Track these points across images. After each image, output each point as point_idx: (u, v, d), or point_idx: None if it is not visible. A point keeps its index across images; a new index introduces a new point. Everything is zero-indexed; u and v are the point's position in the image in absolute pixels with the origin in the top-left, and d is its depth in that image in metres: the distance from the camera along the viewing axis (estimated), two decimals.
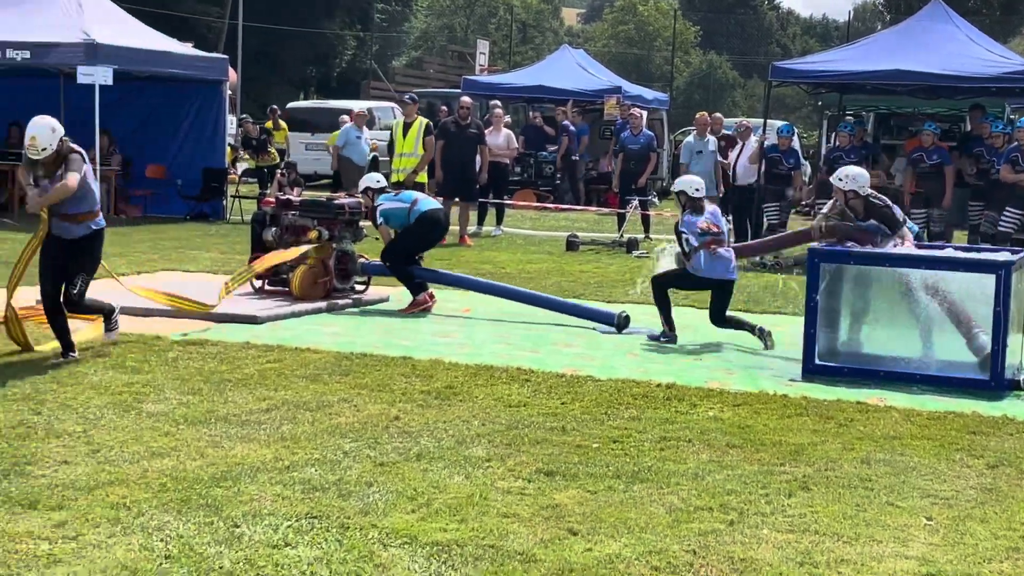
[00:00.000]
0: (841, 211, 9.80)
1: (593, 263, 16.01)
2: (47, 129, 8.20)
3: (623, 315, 10.68)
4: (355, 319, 10.94)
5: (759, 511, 5.65)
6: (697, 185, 10.37)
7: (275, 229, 11.66)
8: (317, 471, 6.03)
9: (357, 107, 24.62)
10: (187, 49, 22.06)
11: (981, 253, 9.82)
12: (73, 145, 8.33)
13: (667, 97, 36.18)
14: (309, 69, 62.06)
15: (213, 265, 14.26)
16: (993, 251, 10.02)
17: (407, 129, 17.26)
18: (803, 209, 22.68)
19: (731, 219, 18.41)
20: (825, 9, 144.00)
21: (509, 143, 21.18)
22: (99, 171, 19.05)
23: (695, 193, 10.22)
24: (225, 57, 23.21)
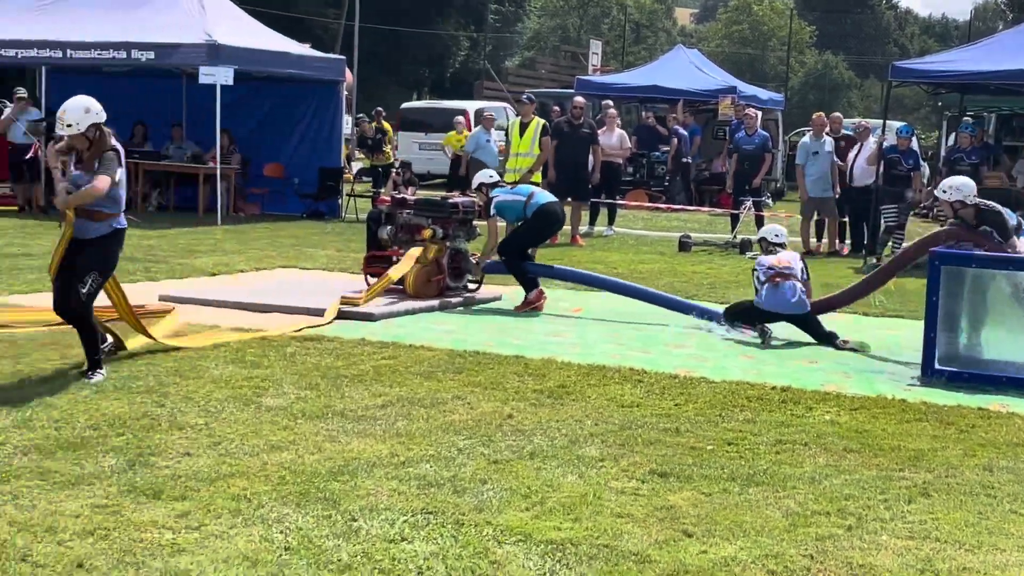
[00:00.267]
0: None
1: (706, 264, 15.90)
2: (79, 108, 7.72)
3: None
4: (467, 317, 11.00)
5: (878, 517, 5.55)
6: (777, 231, 10.88)
7: (390, 228, 11.77)
8: (432, 467, 6.08)
9: (474, 108, 24.79)
10: (305, 50, 22.38)
11: None
12: (114, 141, 7.86)
13: (782, 97, 35.78)
14: (423, 70, 62.58)
15: (329, 263, 14.45)
16: None
17: (524, 129, 17.30)
18: (921, 211, 22.27)
19: (848, 221, 18.19)
20: (944, 8, 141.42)
21: (622, 143, 21.13)
22: (219, 170, 19.49)
23: (774, 239, 10.70)
24: (342, 58, 23.52)
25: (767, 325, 10.10)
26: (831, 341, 10.02)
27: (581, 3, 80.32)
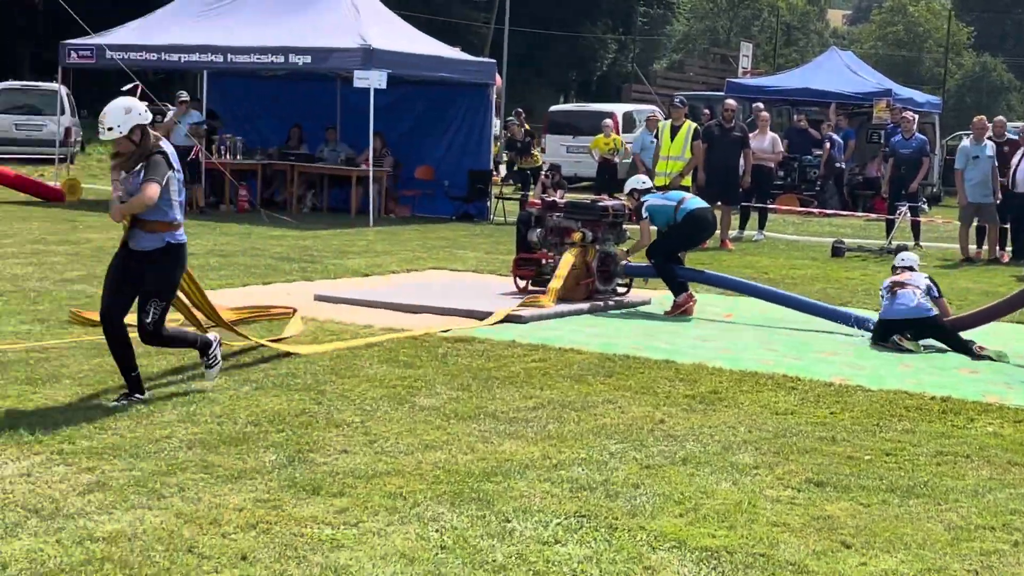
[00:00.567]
0: None
1: (860, 270, 15.58)
2: (120, 109, 7.03)
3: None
4: (617, 321, 10.97)
5: None
6: (904, 257, 11.00)
7: (540, 230, 11.82)
8: (584, 471, 6.08)
9: (622, 111, 24.70)
10: (456, 53, 22.59)
11: None
12: (163, 145, 7.11)
13: (939, 100, 34.91)
14: (570, 72, 62.72)
15: (479, 264, 14.57)
16: None
17: (674, 132, 17.20)
18: None
19: (1009, 227, 17.65)
20: None
21: (774, 147, 20.86)
22: (371, 172, 19.80)
23: (900, 263, 10.78)
24: (493, 61, 23.71)
25: (906, 338, 9.85)
26: (968, 349, 9.75)
27: (731, 5, 79.55)
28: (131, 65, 20.35)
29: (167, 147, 7.10)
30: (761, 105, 23.02)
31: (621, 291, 11.88)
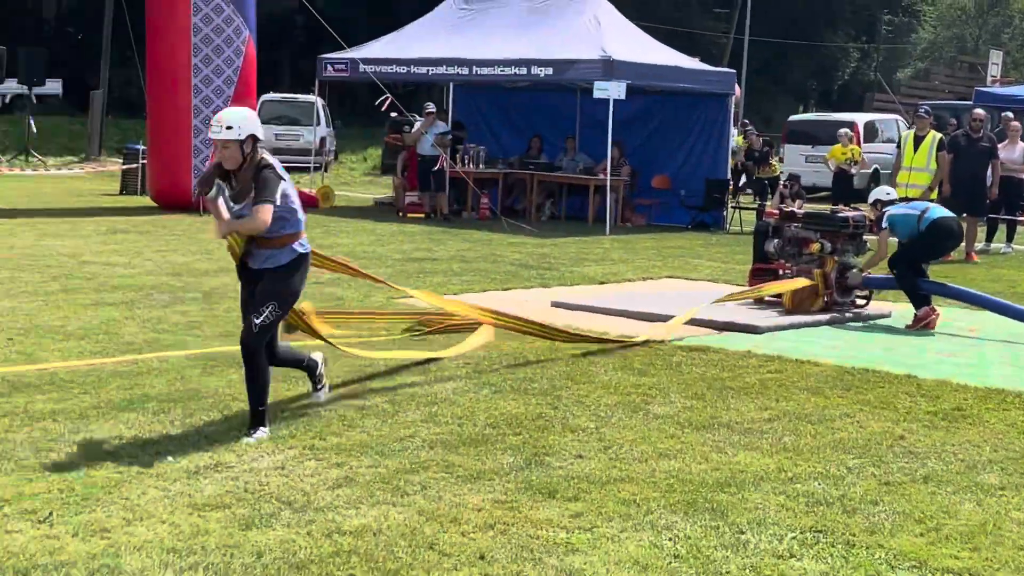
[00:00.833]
0: None
1: None
2: (243, 111, 6.63)
3: None
4: (855, 333, 10.66)
5: None
6: None
7: (777, 241, 11.60)
8: (820, 485, 5.92)
9: (863, 120, 24.05)
10: (696, 64, 22.42)
11: None
12: (268, 157, 6.55)
13: None
14: (810, 82, 61.48)
15: (714, 274, 14.40)
16: None
17: (918, 143, 16.63)
18: None
19: None
20: None
21: None
22: (608, 181, 19.84)
23: None
24: (732, 71, 23.44)
25: None
26: None
27: (980, 12, 76.37)
28: (382, 78, 21.01)
29: (273, 160, 6.57)
30: (1011, 115, 21.97)
31: (860, 303, 11.54)
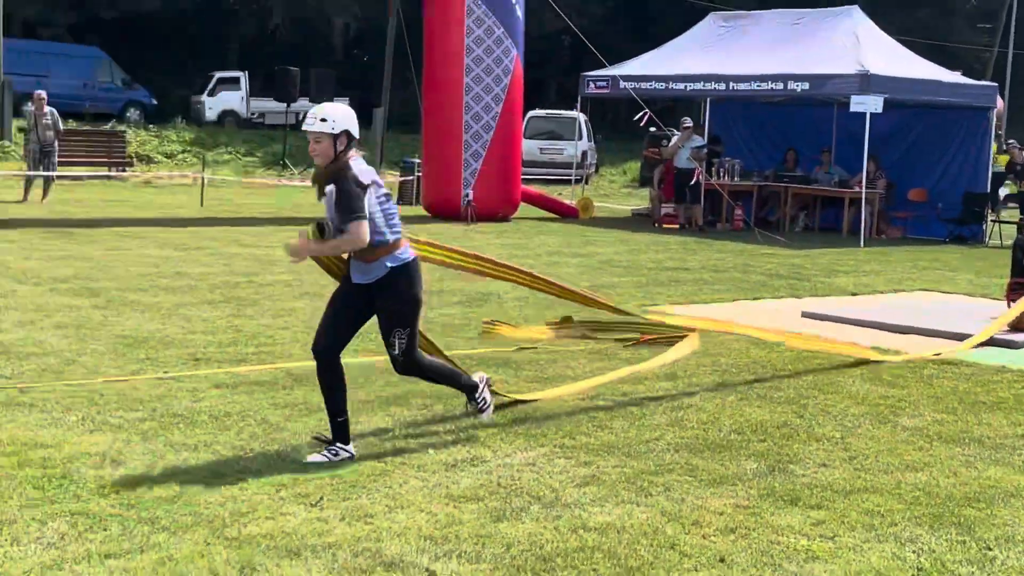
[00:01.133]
0: None
1: None
2: (341, 107, 5.97)
3: None
4: None
5: None
6: None
7: None
8: None
9: None
10: (956, 77, 21.48)
11: None
12: (356, 163, 5.85)
13: None
14: None
15: (970, 288, 13.74)
16: None
17: None
18: None
19: None
20: None
21: None
22: (864, 194, 19.22)
23: None
24: (994, 85, 22.37)
25: None
26: None
27: None
28: (641, 94, 21.05)
29: (361, 165, 5.87)
30: None
31: None
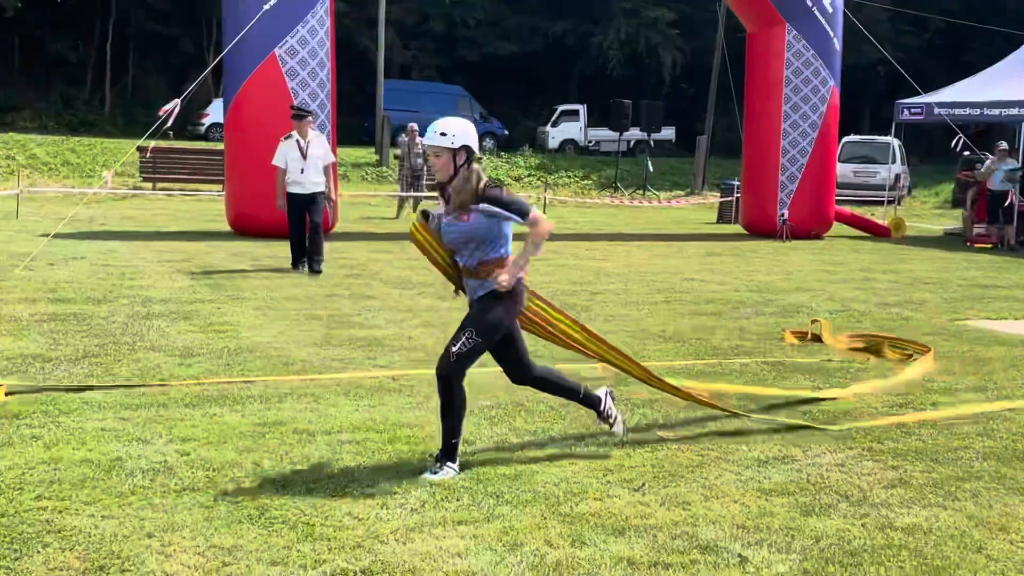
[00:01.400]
0: None
1: None
2: (466, 124, 5.60)
3: None
4: None
5: None
6: None
7: None
8: None
9: None
10: None
11: None
12: (485, 176, 5.57)
13: None
14: None
15: None
16: None
17: None
18: None
19: None
20: None
21: None
22: None
23: None
24: None
25: None
26: None
27: None
28: (954, 119, 20.45)
29: (486, 178, 5.60)
30: None
31: None
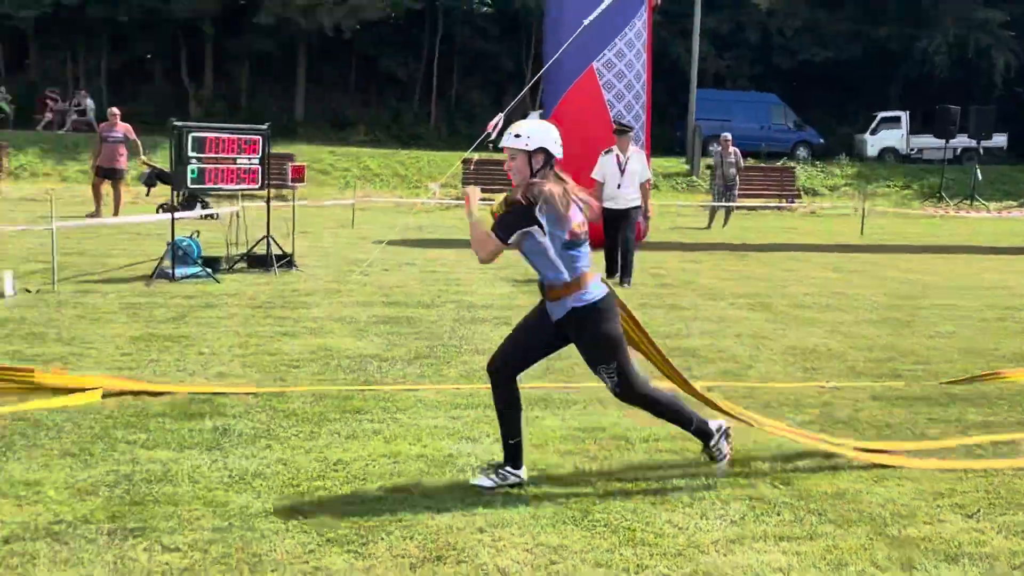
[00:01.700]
0: None
1: None
2: (535, 124, 5.22)
3: None
4: None
5: None
6: None
7: None
8: None
9: None
10: None
11: None
12: (548, 187, 5.09)
13: None
14: None
15: None
16: None
17: None
18: None
19: None
20: None
21: None
22: None
23: None
24: None
25: None
26: None
27: None
28: None
29: (555, 189, 5.10)
30: None
31: None
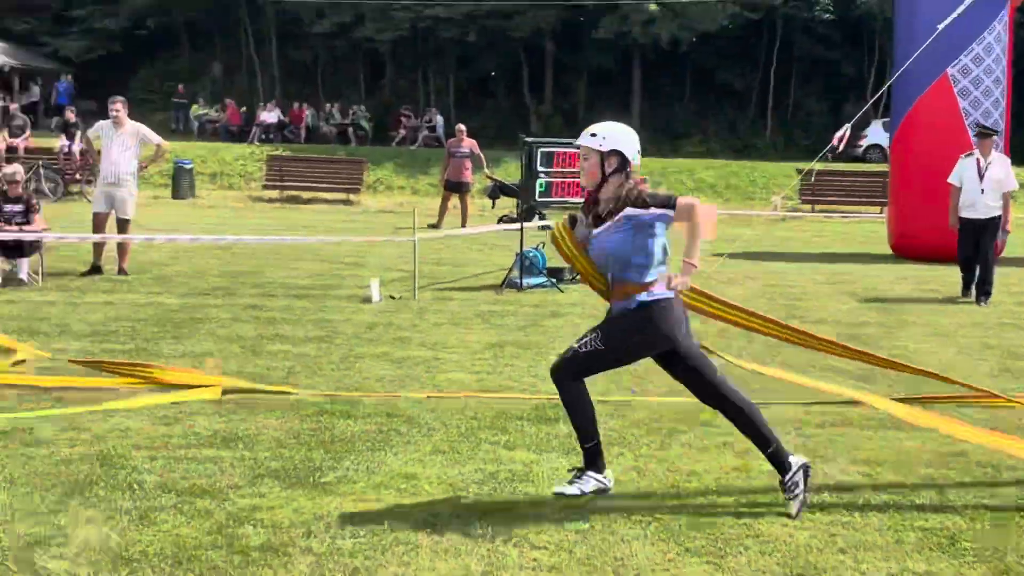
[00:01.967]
0: None
1: None
2: (612, 126, 4.97)
3: None
4: None
5: None
6: None
7: None
8: None
9: None
10: None
11: None
12: (640, 187, 4.89)
13: None
14: None
15: None
16: None
17: None
18: None
19: None
20: None
21: None
22: None
23: None
24: None
25: None
26: None
27: None
28: None
29: (644, 188, 4.93)
30: None
31: None
